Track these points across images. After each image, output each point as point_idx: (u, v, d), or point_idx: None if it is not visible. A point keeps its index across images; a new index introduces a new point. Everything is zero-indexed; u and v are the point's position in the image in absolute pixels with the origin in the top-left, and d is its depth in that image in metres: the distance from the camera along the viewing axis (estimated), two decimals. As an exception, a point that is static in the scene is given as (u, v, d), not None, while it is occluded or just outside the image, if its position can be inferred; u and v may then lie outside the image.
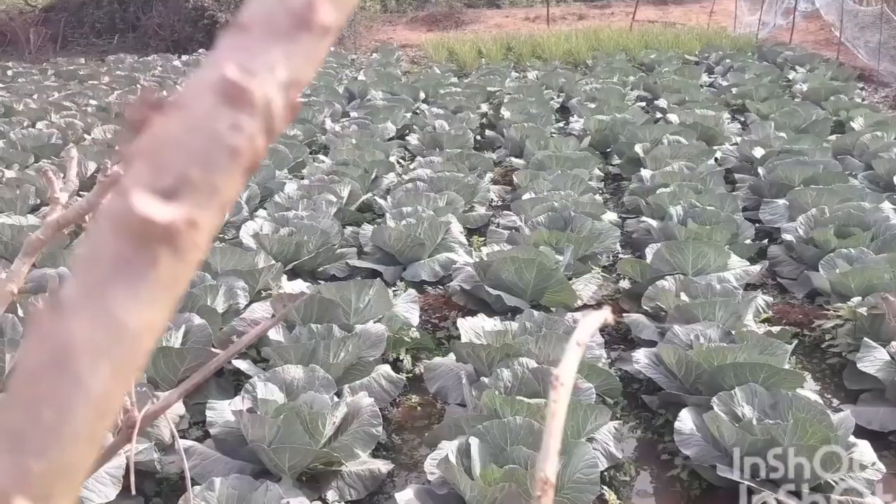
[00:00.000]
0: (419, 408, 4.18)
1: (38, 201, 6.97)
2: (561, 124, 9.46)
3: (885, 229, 5.13)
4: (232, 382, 4.24)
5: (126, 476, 3.09)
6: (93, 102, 11.18)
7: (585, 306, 4.82)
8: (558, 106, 10.26)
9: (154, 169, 0.31)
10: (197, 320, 4.19)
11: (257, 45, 0.31)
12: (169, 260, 0.31)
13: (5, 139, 8.83)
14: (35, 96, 11.72)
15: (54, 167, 6.53)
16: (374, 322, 4.39)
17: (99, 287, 0.31)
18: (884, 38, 11.72)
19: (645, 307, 4.47)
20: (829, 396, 4.22)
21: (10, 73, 14.55)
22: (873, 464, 3.30)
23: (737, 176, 6.88)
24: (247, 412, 3.36)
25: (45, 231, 1.12)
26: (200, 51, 17.67)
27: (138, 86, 12.88)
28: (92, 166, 7.70)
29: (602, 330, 4.60)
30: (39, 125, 9.60)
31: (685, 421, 3.50)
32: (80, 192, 7.52)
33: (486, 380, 3.62)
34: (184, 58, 17.05)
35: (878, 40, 11.80)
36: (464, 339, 4.02)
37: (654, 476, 3.63)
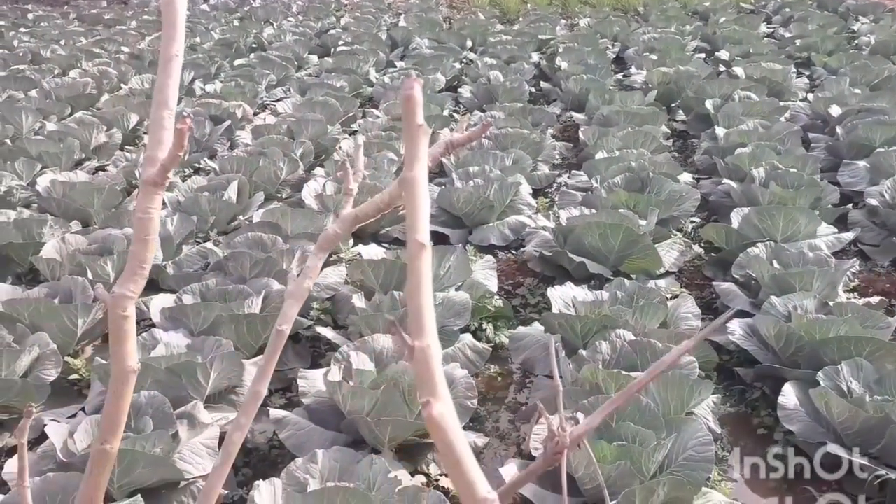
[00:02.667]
0: (500, 378, 4.13)
1: (83, 155, 6.80)
2: (619, 76, 9.13)
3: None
4: (309, 349, 4.22)
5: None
6: (124, 49, 10.93)
7: (668, 273, 4.70)
8: (614, 56, 9.90)
9: None
10: (276, 286, 4.13)
11: None
12: None
13: (38, 88, 8.57)
14: (62, 42, 11.43)
15: (347, 158, 6.31)
16: (455, 289, 4.31)
17: None
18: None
19: (735, 275, 4.33)
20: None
21: (30, 16, 14.29)
22: None
23: (810, 135, 6.61)
24: (344, 383, 3.33)
25: (342, 224, 1.03)
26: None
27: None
28: (134, 118, 7.55)
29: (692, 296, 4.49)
30: (72, 73, 9.37)
31: (789, 396, 3.42)
32: (124, 147, 7.43)
33: (583, 352, 3.55)
34: (211, 1, 16.69)
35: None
36: (554, 309, 3.93)
37: (753, 452, 3.56)
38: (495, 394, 4.09)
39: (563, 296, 4.02)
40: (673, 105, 7.70)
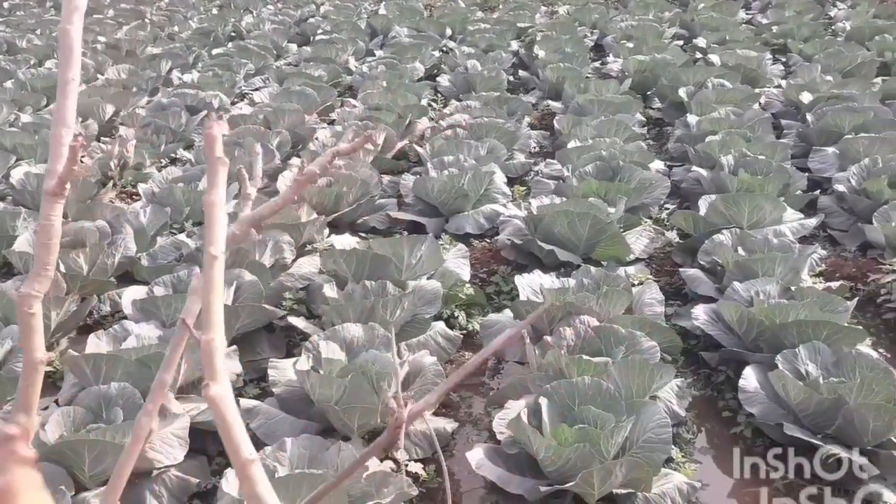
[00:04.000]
0: (474, 363, 4.19)
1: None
2: (597, 64, 9.16)
3: (941, 180, 5.01)
4: (284, 339, 4.26)
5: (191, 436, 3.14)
6: (101, 39, 10.78)
7: (637, 260, 4.78)
8: (592, 44, 9.93)
9: None
10: (247, 276, 4.16)
11: None
12: None
13: (14, 79, 8.48)
14: (38, 31, 11.28)
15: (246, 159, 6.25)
16: (427, 278, 4.37)
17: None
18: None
19: (701, 261, 4.42)
20: (883, 351, 4.21)
21: (6, 5, 14.08)
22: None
23: (783, 122, 6.69)
24: (313, 372, 3.38)
25: (239, 226, 1.09)
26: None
27: (146, 20, 12.47)
28: (110, 109, 7.50)
29: (657, 283, 4.57)
30: (48, 64, 9.28)
31: (749, 379, 3.51)
32: (100, 138, 7.38)
33: (548, 338, 3.62)
34: (191, -12, 16.49)
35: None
36: (522, 297, 4.00)
37: (716, 433, 3.66)
38: (469, 380, 4.15)
39: (531, 283, 4.09)
40: (649, 93, 7.75)
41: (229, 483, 2.74)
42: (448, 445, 3.54)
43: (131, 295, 3.94)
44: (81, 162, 5.60)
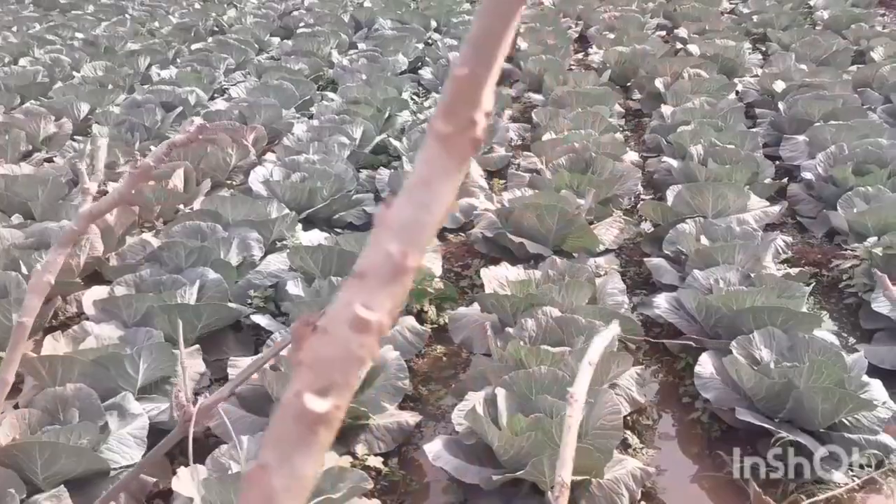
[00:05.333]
0: (445, 358, 4.24)
1: (30, 147, 6.68)
2: (580, 55, 9.18)
3: (902, 166, 5.05)
4: (252, 337, 4.29)
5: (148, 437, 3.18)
6: (79, 35, 10.58)
7: (607, 251, 4.81)
8: (577, 35, 9.93)
9: (313, 377, 0.48)
10: (211, 275, 4.16)
11: (373, 289, 0.47)
12: (326, 433, 0.50)
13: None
14: (14, 29, 11.07)
15: (86, 152, 6.23)
16: (395, 271, 4.40)
17: (287, 455, 0.49)
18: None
19: (666, 251, 4.46)
20: (846, 336, 4.26)
21: (-19, 3, 13.96)
22: (884, 402, 3.36)
23: (758, 111, 6.73)
24: (271, 369, 3.42)
25: (78, 222, 1.11)
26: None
27: (127, 16, 12.38)
28: (85, 108, 7.44)
29: (624, 275, 4.62)
30: (23, 62, 9.05)
31: (705, 365, 3.56)
32: (74, 136, 7.34)
33: (510, 330, 3.66)
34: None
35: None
36: (487, 290, 4.04)
37: (675, 419, 3.71)
38: (439, 373, 4.19)
39: (498, 276, 4.13)
40: (629, 84, 7.78)
41: (181, 482, 2.78)
42: (411, 438, 3.58)
43: (93, 295, 3.97)
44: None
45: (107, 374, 3.31)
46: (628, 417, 3.52)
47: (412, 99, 8.03)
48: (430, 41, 10.14)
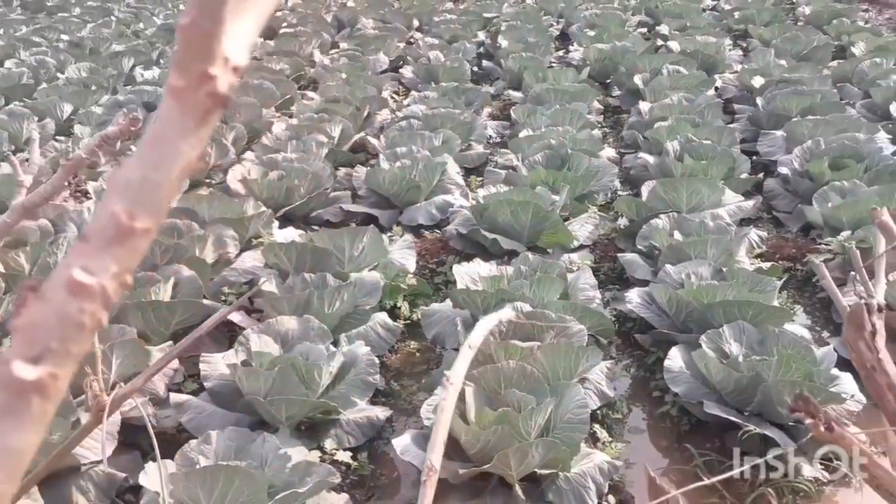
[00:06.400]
0: (418, 354, 4.24)
1: (13, 147, 6.66)
2: (561, 53, 9.20)
3: (879, 160, 5.10)
4: (226, 334, 4.28)
5: (121, 433, 3.17)
6: (64, 37, 10.57)
7: (582, 247, 4.83)
8: (558, 33, 9.96)
9: (26, 343, 0.45)
10: (185, 272, 4.16)
11: (94, 251, 0.45)
12: (41, 402, 0.46)
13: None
14: (0, 31, 11.09)
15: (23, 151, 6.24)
16: (370, 269, 4.41)
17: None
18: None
19: (640, 246, 4.48)
20: (820, 330, 4.29)
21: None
22: (853, 396, 3.37)
23: (736, 106, 6.77)
24: (241, 365, 3.42)
25: (11, 215, 1.11)
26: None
27: (112, 18, 12.36)
28: (68, 108, 7.43)
29: (598, 270, 4.63)
30: (8, 63, 9.06)
31: (675, 359, 3.57)
32: (57, 137, 7.32)
33: (480, 325, 3.66)
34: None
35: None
36: (459, 285, 4.04)
37: (645, 413, 3.73)
38: (412, 369, 4.20)
39: (470, 272, 4.13)
40: (608, 81, 7.80)
41: (148, 477, 2.78)
42: (382, 433, 3.58)
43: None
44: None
45: (78, 371, 3.30)
46: (598, 411, 3.53)
47: (392, 97, 8.04)
48: (411, 40, 10.15)
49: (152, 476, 2.80)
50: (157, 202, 0.42)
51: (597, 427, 3.46)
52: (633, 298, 3.99)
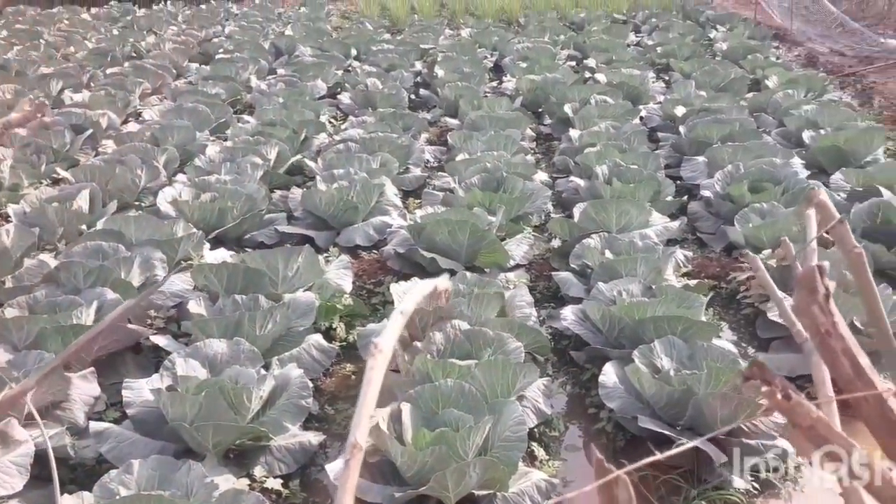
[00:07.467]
0: (353, 376, 4.16)
1: None
2: (495, 83, 9.46)
3: (794, 183, 5.38)
4: (152, 360, 4.10)
5: (35, 465, 2.98)
6: None
7: (518, 266, 4.88)
8: (492, 65, 10.23)
9: None
10: (110, 295, 4.01)
11: None
12: None
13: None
14: None
15: None
16: (304, 290, 4.33)
17: None
18: (795, -1, 12.11)
19: (573, 265, 4.56)
20: (745, 345, 4.43)
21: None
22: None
23: (660, 134, 7.05)
24: (166, 390, 3.27)
25: None
26: (112, 2, 16.68)
27: (42, 41, 12.03)
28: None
29: (534, 289, 4.69)
30: None
31: (609, 374, 3.61)
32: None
33: (418, 344, 3.63)
34: (93, 10, 16.02)
35: (790, 1, 12.20)
36: (397, 305, 4.00)
37: (581, 430, 3.75)
38: (347, 392, 4.11)
39: (407, 291, 4.10)
40: (540, 110, 8.03)
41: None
42: (315, 459, 3.47)
43: (-20, 318, 3.73)
44: None
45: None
46: (535, 429, 3.53)
47: (330, 122, 8.04)
48: (349, 68, 10.21)
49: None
50: None
51: (534, 445, 3.45)
52: (568, 316, 4.04)
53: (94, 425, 3.28)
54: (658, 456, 1.22)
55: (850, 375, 1.23)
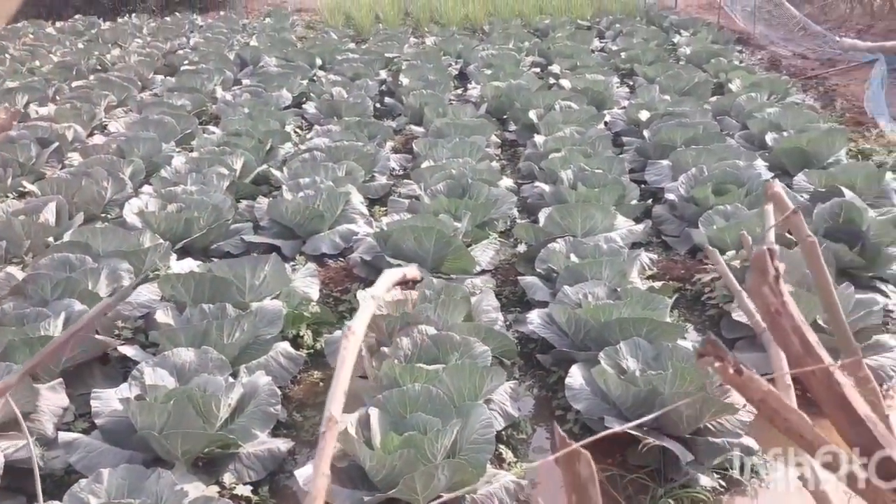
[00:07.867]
0: (321, 383, 4.16)
1: None
2: (460, 91, 9.52)
3: (758, 185, 5.49)
4: (120, 370, 4.07)
5: (4, 476, 2.94)
6: None
7: (484, 271, 4.93)
8: (457, 72, 10.29)
9: None
10: (77, 306, 3.99)
11: None
12: None
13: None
14: None
15: None
16: (272, 299, 4.32)
17: None
18: (758, 3, 12.40)
19: (538, 269, 4.61)
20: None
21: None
22: (745, 406, 3.55)
23: (625, 139, 7.16)
24: (134, 399, 3.25)
25: None
26: (77, 17, 16.47)
27: (6, 55, 11.85)
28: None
29: (500, 294, 4.73)
30: None
31: (575, 376, 3.66)
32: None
33: (386, 349, 3.65)
34: (58, 24, 15.81)
35: (753, 5, 12.49)
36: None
37: (549, 432, 3.79)
38: (315, 399, 4.10)
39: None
40: (505, 116, 8.11)
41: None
42: (284, 466, 3.47)
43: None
44: None
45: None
46: (503, 432, 3.56)
47: (295, 131, 8.03)
48: (314, 78, 10.21)
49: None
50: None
51: (502, 447, 3.49)
52: (534, 319, 4.09)
53: (63, 436, 3.25)
54: (620, 427, 1.26)
55: (799, 352, 1.29)
